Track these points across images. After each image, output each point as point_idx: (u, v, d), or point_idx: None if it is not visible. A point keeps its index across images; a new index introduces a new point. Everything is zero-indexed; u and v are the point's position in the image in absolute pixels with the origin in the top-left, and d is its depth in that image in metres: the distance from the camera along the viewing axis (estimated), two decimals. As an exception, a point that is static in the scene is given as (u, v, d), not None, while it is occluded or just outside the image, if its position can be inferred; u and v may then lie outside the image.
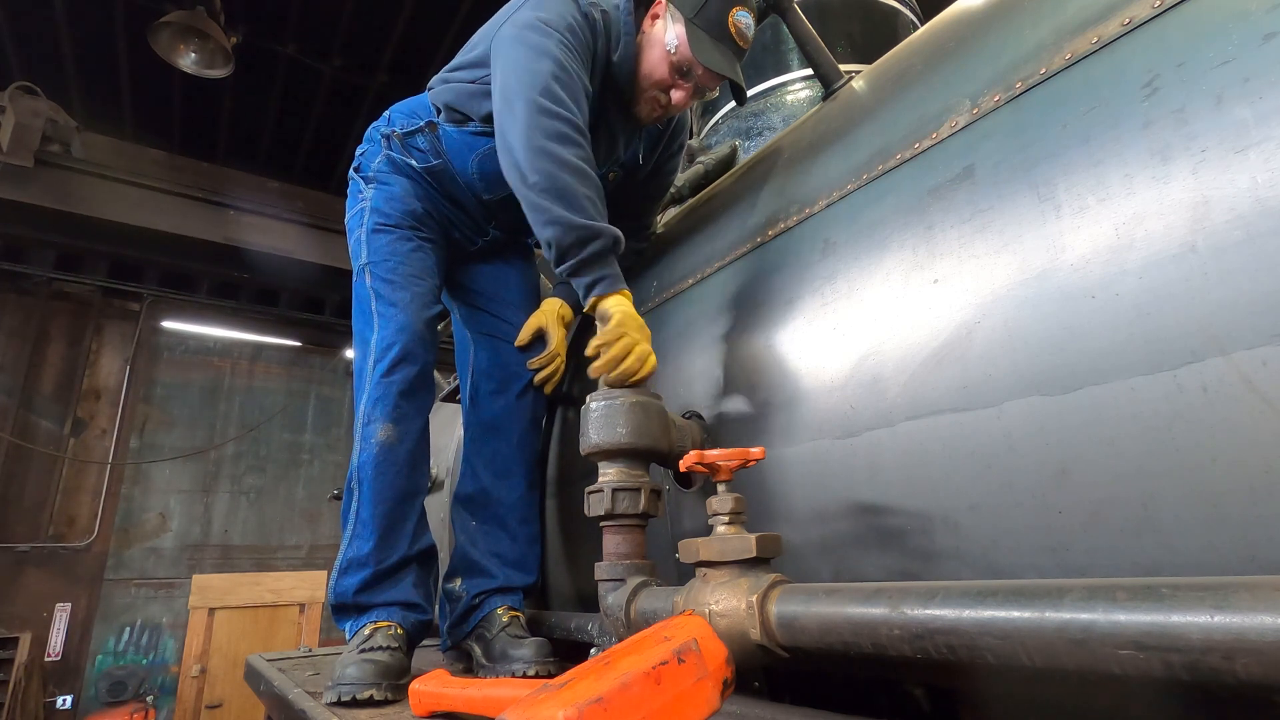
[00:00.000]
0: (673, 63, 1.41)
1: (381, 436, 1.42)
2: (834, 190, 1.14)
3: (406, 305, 1.51)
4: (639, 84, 1.47)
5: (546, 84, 1.29)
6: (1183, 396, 0.66)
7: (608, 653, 0.68)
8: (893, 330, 0.97)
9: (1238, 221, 0.64)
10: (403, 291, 1.52)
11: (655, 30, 1.44)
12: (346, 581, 1.38)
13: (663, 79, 1.44)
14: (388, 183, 1.62)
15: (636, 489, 1.13)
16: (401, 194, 1.61)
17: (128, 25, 5.25)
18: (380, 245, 1.57)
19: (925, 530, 0.89)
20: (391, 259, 1.56)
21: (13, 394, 6.11)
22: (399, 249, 1.57)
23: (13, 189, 5.33)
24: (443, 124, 1.58)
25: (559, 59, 1.32)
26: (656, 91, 1.46)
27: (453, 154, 1.60)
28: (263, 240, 6.38)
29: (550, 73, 1.30)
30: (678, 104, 1.46)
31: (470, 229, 1.73)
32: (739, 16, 1.38)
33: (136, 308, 6.93)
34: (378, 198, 1.61)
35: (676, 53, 1.39)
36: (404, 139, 1.62)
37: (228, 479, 7.20)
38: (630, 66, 1.46)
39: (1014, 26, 0.94)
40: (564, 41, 1.35)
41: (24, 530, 5.99)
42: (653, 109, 1.49)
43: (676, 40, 1.39)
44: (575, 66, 1.35)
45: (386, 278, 1.54)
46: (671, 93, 1.45)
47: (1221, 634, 0.45)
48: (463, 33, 5.35)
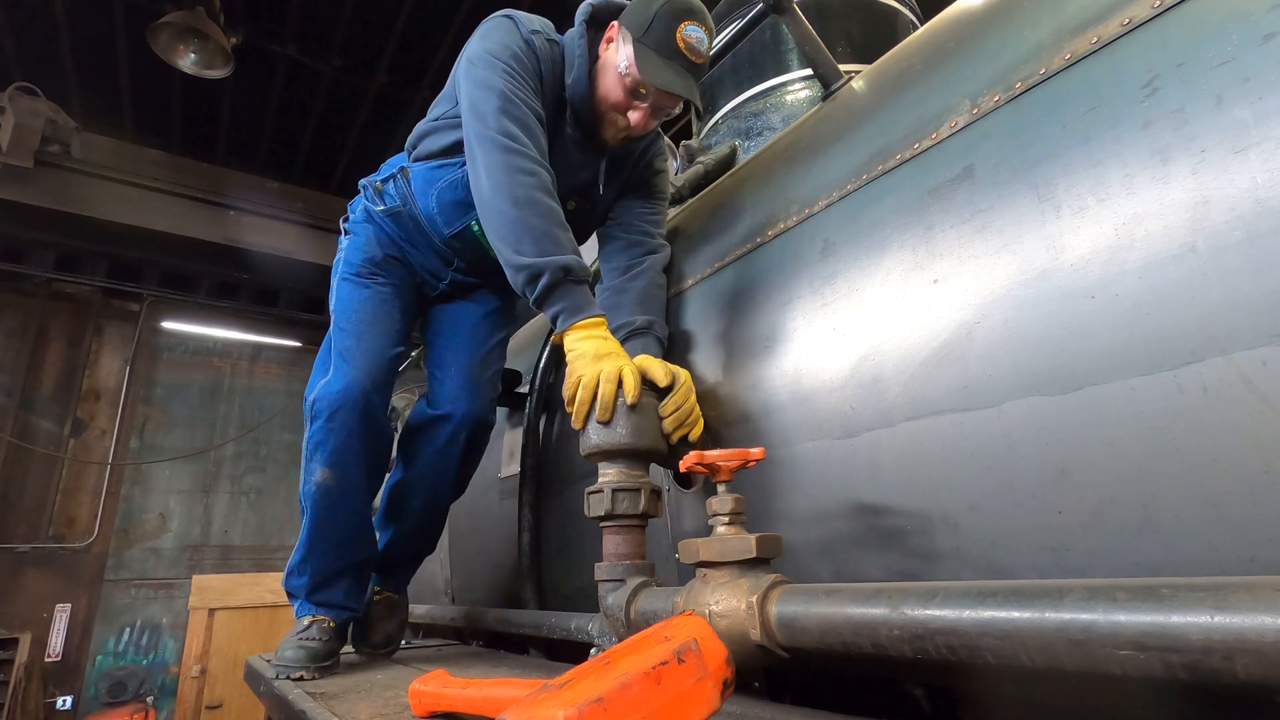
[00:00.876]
0: (625, 84, 1.40)
1: (320, 478, 1.56)
2: (834, 190, 1.14)
3: (356, 358, 1.58)
4: (597, 107, 1.47)
5: (496, 119, 1.33)
6: (1183, 397, 0.66)
7: (608, 653, 0.68)
8: (892, 330, 0.97)
9: (1237, 221, 0.64)
10: (354, 341, 1.60)
11: (609, 53, 1.44)
12: (292, 581, 1.64)
13: (619, 101, 1.43)
14: (357, 232, 1.74)
15: (636, 489, 1.13)
16: (364, 242, 1.71)
17: (127, 26, 5.25)
18: (342, 295, 1.68)
19: (925, 530, 0.89)
20: (349, 309, 1.65)
21: (12, 394, 6.11)
22: (355, 296, 1.67)
23: (12, 189, 5.32)
24: (413, 166, 1.65)
25: (502, 90, 1.35)
26: (615, 114, 1.46)
27: (417, 193, 1.65)
28: (262, 240, 6.38)
29: (499, 108, 1.33)
30: (638, 125, 1.44)
31: (431, 271, 1.77)
32: (688, 31, 1.35)
33: (136, 308, 6.93)
34: (350, 247, 1.73)
35: (628, 74, 1.38)
36: (380, 186, 1.71)
37: (228, 479, 7.20)
38: (584, 91, 1.46)
39: (1014, 27, 0.94)
40: (509, 70, 1.37)
41: (24, 531, 5.99)
42: (615, 132, 1.49)
43: (627, 61, 1.38)
44: (522, 93, 1.37)
45: (342, 326, 1.63)
46: (629, 114, 1.44)
47: (1222, 634, 0.45)
48: (462, 33, 5.35)
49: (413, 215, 1.67)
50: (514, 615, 1.79)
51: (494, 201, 1.29)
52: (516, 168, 1.29)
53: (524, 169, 1.29)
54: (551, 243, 1.26)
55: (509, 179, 1.28)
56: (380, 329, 1.64)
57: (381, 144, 6.65)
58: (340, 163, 7.06)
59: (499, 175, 1.29)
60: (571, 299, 1.25)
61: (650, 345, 1.40)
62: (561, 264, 1.24)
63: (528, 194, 1.28)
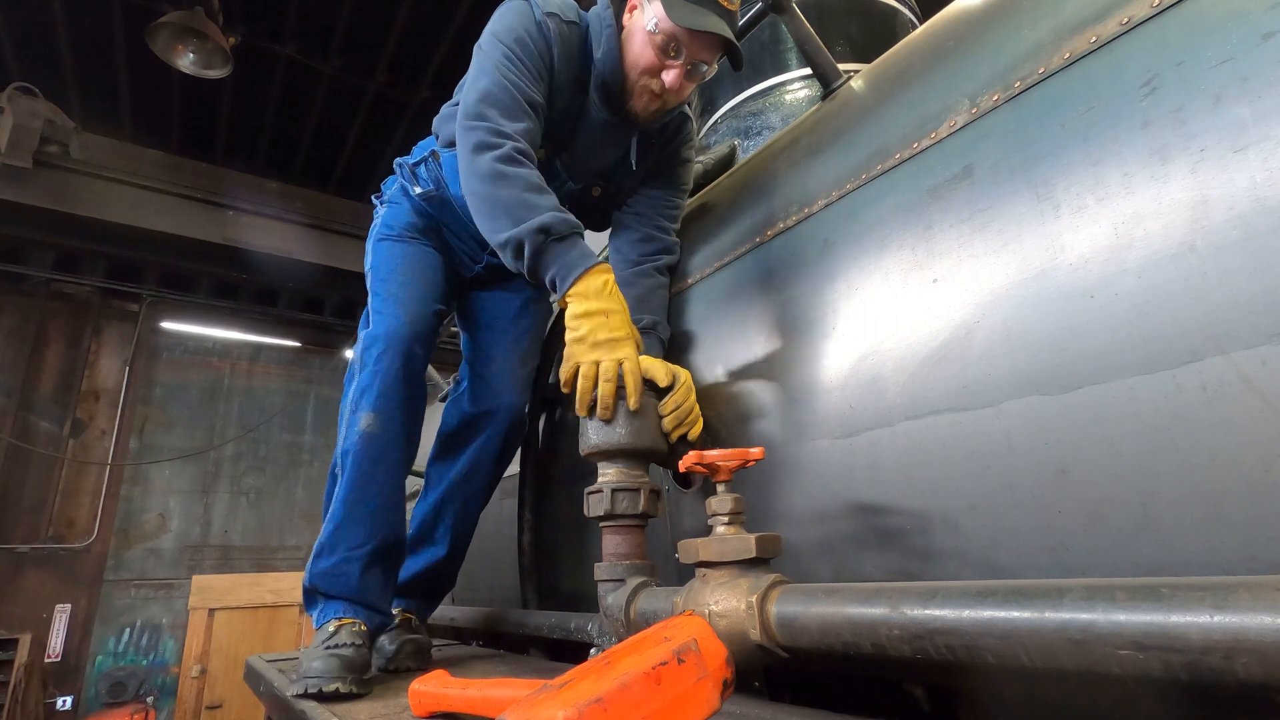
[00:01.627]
0: (656, 43, 1.33)
1: (364, 426, 1.46)
2: (833, 190, 1.14)
3: (398, 303, 1.55)
4: (628, 78, 1.41)
5: (475, 105, 1.31)
6: (1182, 396, 0.66)
7: (608, 653, 0.68)
8: (892, 330, 0.97)
9: (1237, 221, 0.64)
10: (397, 288, 1.57)
11: (635, 20, 1.38)
12: (320, 564, 1.42)
13: (650, 64, 1.36)
14: (397, 202, 1.73)
15: (636, 489, 1.13)
16: (405, 211, 1.71)
17: (126, 26, 5.25)
18: (381, 252, 1.67)
19: (925, 530, 0.89)
20: (390, 262, 1.63)
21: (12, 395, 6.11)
22: (396, 252, 1.65)
23: (11, 190, 5.32)
24: (442, 151, 1.62)
25: (496, 74, 1.32)
26: (647, 79, 1.38)
27: (450, 179, 1.62)
28: (262, 241, 6.37)
29: (483, 91, 1.31)
30: (673, 86, 1.37)
31: (467, 253, 1.77)
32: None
33: (135, 308, 6.92)
34: (387, 215, 1.72)
35: (658, 29, 1.31)
36: (413, 169, 1.69)
37: (227, 480, 7.20)
38: (615, 64, 1.41)
39: (1012, 26, 0.94)
40: (509, 53, 1.34)
41: (24, 531, 5.99)
42: (649, 101, 1.41)
43: (655, 17, 1.31)
44: (517, 78, 1.33)
45: (384, 278, 1.61)
46: (663, 75, 1.36)
47: (1221, 634, 0.45)
48: (461, 34, 5.35)
49: (446, 199, 1.67)
50: (514, 615, 1.79)
51: (467, 184, 1.28)
52: (479, 144, 1.26)
53: (486, 144, 1.26)
54: (523, 208, 1.20)
55: (472, 158, 1.26)
56: (424, 281, 1.62)
57: (381, 144, 6.65)
58: (339, 163, 7.06)
59: (466, 157, 1.28)
60: (561, 258, 1.19)
61: (652, 346, 1.39)
62: (537, 225, 1.18)
63: (490, 168, 1.24)
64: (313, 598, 1.44)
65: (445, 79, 5.84)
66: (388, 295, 1.57)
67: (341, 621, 1.36)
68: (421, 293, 1.60)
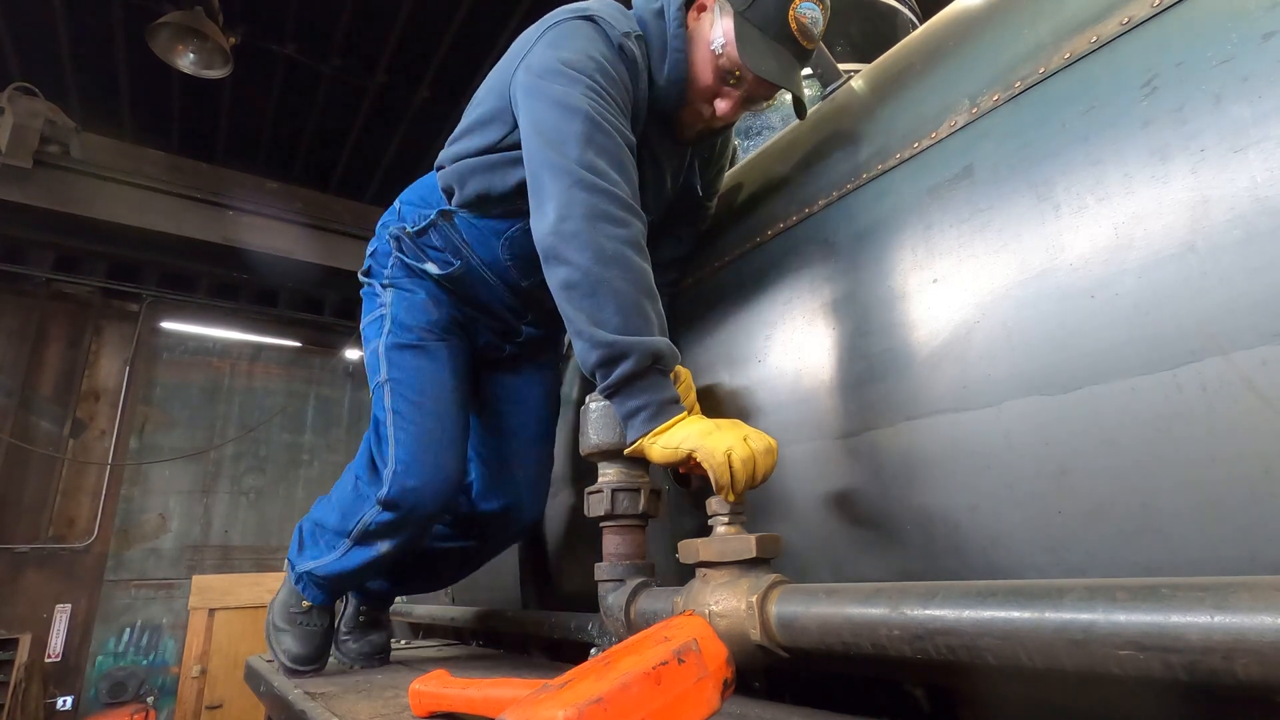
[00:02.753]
0: (718, 66, 1.17)
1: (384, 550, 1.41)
2: (833, 190, 1.14)
3: (436, 448, 1.34)
4: (688, 97, 1.22)
5: (580, 148, 1.05)
6: (1182, 396, 0.66)
7: (608, 653, 0.68)
8: (892, 330, 0.97)
9: (1237, 221, 0.64)
10: (433, 423, 1.35)
11: (701, 25, 1.19)
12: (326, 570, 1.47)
13: (706, 85, 1.19)
14: (408, 289, 1.44)
15: (636, 489, 1.13)
16: (422, 301, 1.43)
17: (126, 26, 5.24)
18: (402, 365, 1.39)
19: (925, 530, 0.89)
20: (417, 382, 1.38)
21: (12, 395, 6.11)
22: (425, 367, 1.39)
23: (12, 190, 5.32)
24: (458, 212, 1.36)
25: (591, 113, 1.07)
26: (700, 103, 1.23)
27: (476, 243, 1.37)
28: (262, 240, 6.37)
29: (583, 134, 1.06)
30: (723, 116, 1.21)
31: (499, 332, 1.53)
32: (803, 9, 1.13)
33: (136, 308, 6.92)
34: (398, 305, 1.43)
35: (723, 53, 1.15)
36: (415, 239, 1.41)
37: (227, 480, 7.20)
38: (681, 82, 1.21)
39: (1013, 26, 0.94)
40: (594, 87, 1.10)
41: (24, 531, 5.98)
42: (695, 121, 1.26)
43: (724, 39, 1.15)
44: (614, 117, 1.11)
45: (411, 401, 1.36)
46: (716, 102, 1.21)
47: (1221, 634, 0.45)
48: (462, 34, 5.35)
49: (473, 269, 1.40)
50: (514, 615, 1.79)
51: (570, 253, 1.02)
52: (603, 214, 1.03)
53: (613, 217, 1.03)
54: (640, 317, 1.01)
55: (592, 227, 1.02)
56: (459, 406, 1.41)
57: (381, 144, 6.64)
58: (339, 163, 7.05)
59: (580, 221, 1.02)
60: (654, 395, 1.00)
61: None
62: (651, 349, 0.99)
63: (616, 250, 1.02)
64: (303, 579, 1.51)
65: (445, 79, 5.84)
66: (420, 431, 1.33)
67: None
68: (460, 428, 1.39)
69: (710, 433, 0.95)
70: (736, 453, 0.91)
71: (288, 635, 1.51)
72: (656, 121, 1.27)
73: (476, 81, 1.46)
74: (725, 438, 0.93)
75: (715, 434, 0.94)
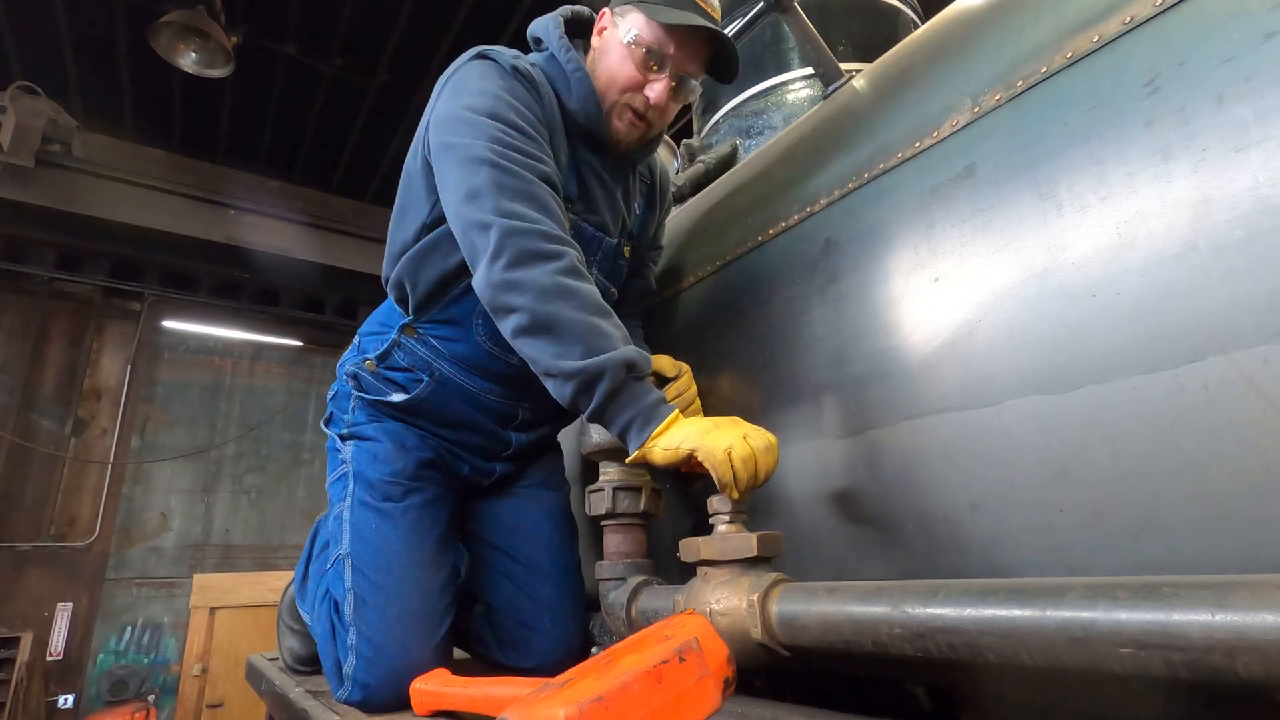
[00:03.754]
0: (637, 56, 1.19)
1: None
2: (835, 189, 1.14)
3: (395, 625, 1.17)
4: (605, 99, 1.23)
5: (495, 201, 1.05)
6: (1184, 395, 0.66)
7: (609, 651, 0.68)
8: (894, 329, 0.97)
9: (1239, 220, 0.64)
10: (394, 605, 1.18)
11: (608, 37, 1.23)
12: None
13: (631, 78, 1.20)
14: (370, 437, 1.33)
15: (638, 488, 1.13)
16: (387, 451, 1.30)
17: (128, 25, 5.25)
18: (368, 525, 1.24)
19: (926, 529, 0.89)
20: (379, 553, 1.22)
21: (13, 394, 6.11)
22: (385, 533, 1.23)
23: (13, 189, 5.32)
24: (419, 323, 1.30)
25: (496, 160, 1.07)
26: (629, 97, 1.22)
27: (447, 343, 1.29)
28: (263, 240, 6.37)
29: (493, 184, 1.06)
30: (658, 101, 1.21)
31: (484, 452, 1.40)
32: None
33: (137, 307, 6.92)
34: (360, 459, 1.30)
35: (637, 39, 1.17)
36: (378, 367, 1.33)
37: (229, 478, 7.20)
38: (593, 103, 1.23)
39: (1015, 25, 0.94)
40: (497, 128, 1.10)
41: (25, 530, 5.99)
42: (631, 123, 1.24)
43: (633, 25, 1.18)
44: (521, 153, 1.10)
45: (375, 579, 1.20)
46: (647, 90, 1.20)
47: (1223, 633, 0.45)
48: (463, 33, 5.34)
49: (446, 382, 1.31)
50: (515, 614, 1.78)
51: (513, 299, 1.02)
52: (533, 254, 1.03)
53: (543, 253, 1.03)
54: (599, 338, 1.00)
55: (526, 270, 1.02)
56: (434, 574, 1.24)
57: (382, 144, 6.65)
58: (341, 162, 7.05)
59: (513, 268, 1.03)
60: (640, 402, 1.00)
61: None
62: (622, 360, 0.99)
63: (554, 282, 1.01)
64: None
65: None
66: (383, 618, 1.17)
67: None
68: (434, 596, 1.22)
69: (709, 431, 0.94)
70: (736, 451, 0.92)
71: (293, 635, 1.52)
72: (588, 144, 1.28)
73: None
74: (725, 436, 0.93)
75: (715, 432, 0.94)
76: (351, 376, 1.37)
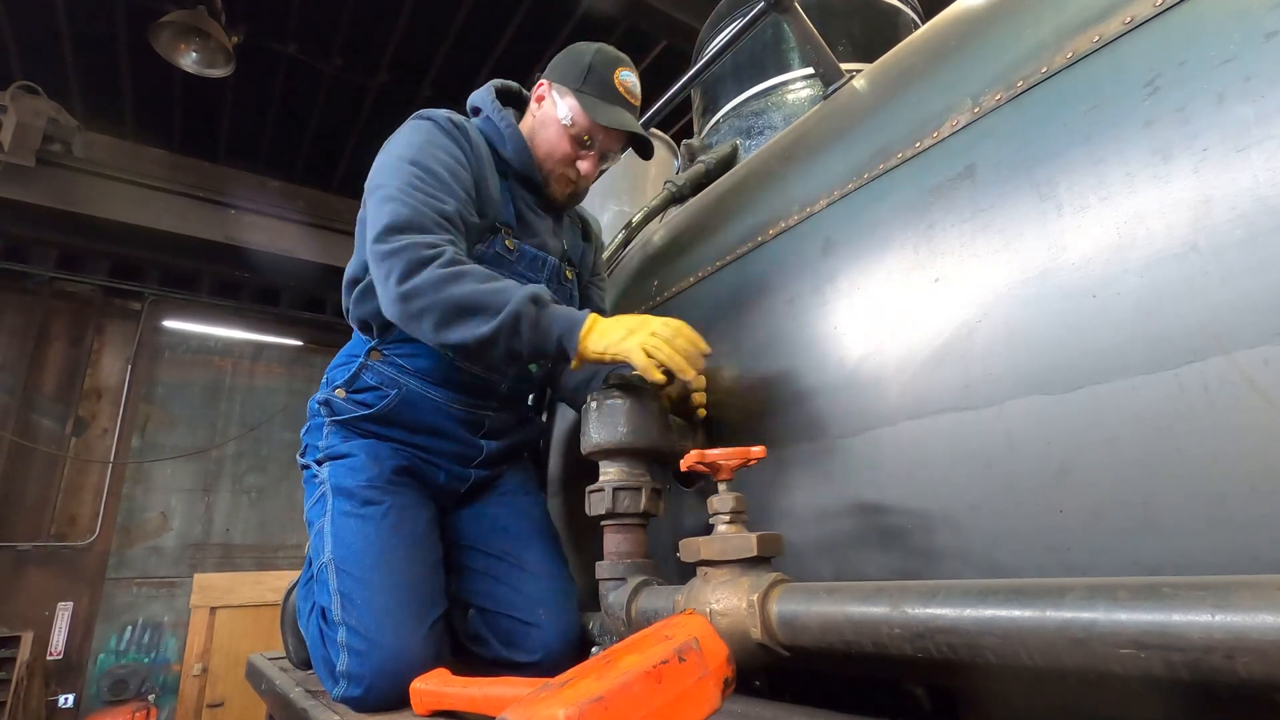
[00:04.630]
0: (571, 135, 1.41)
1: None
2: (835, 189, 1.14)
3: (389, 624, 1.18)
4: (543, 167, 1.46)
5: (377, 231, 1.19)
6: (1184, 396, 0.66)
7: (608, 651, 0.68)
8: (893, 329, 0.97)
9: (1239, 220, 0.64)
10: (381, 597, 1.20)
11: (545, 111, 1.44)
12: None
13: (566, 154, 1.43)
14: (346, 453, 1.38)
15: (637, 488, 1.13)
16: (361, 462, 1.35)
17: (128, 25, 5.25)
18: (349, 530, 1.26)
19: (926, 529, 0.89)
20: (362, 554, 1.24)
21: (14, 393, 6.12)
22: (367, 535, 1.26)
23: (14, 189, 5.32)
24: (384, 345, 1.42)
25: (404, 199, 1.21)
26: (563, 168, 1.45)
27: (412, 359, 1.40)
28: (263, 240, 6.38)
29: (394, 219, 1.19)
30: (586, 174, 1.45)
31: (459, 457, 1.47)
32: (624, 76, 1.41)
33: (138, 307, 6.93)
34: (336, 475, 1.34)
35: (574, 124, 1.39)
36: (348, 392, 1.42)
37: (229, 478, 7.20)
38: (527, 157, 1.46)
39: (1015, 25, 0.94)
40: (414, 174, 1.25)
41: (26, 529, 5.99)
42: (564, 186, 1.49)
43: (570, 112, 1.39)
44: (434, 191, 1.24)
45: (361, 576, 1.21)
46: (578, 164, 1.44)
47: (1223, 633, 0.45)
48: (463, 33, 5.35)
49: (411, 394, 1.40)
50: (515, 614, 1.79)
51: (411, 308, 1.14)
52: (411, 262, 1.14)
53: (420, 260, 1.14)
54: (495, 294, 1.13)
55: (410, 281, 1.14)
56: (422, 567, 1.28)
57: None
58: (341, 162, 7.06)
59: (397, 287, 1.15)
60: (561, 318, 1.14)
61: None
62: (527, 296, 1.13)
63: (437, 275, 1.13)
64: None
65: (447, 79, 5.84)
66: (371, 612, 1.18)
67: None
68: (424, 588, 1.25)
69: (624, 338, 1.10)
70: (646, 345, 1.08)
71: (297, 636, 1.50)
72: (523, 183, 1.50)
73: (478, 81, 1.53)
74: (635, 339, 1.09)
75: (628, 338, 1.10)
76: (323, 404, 1.46)
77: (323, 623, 1.25)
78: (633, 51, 1.60)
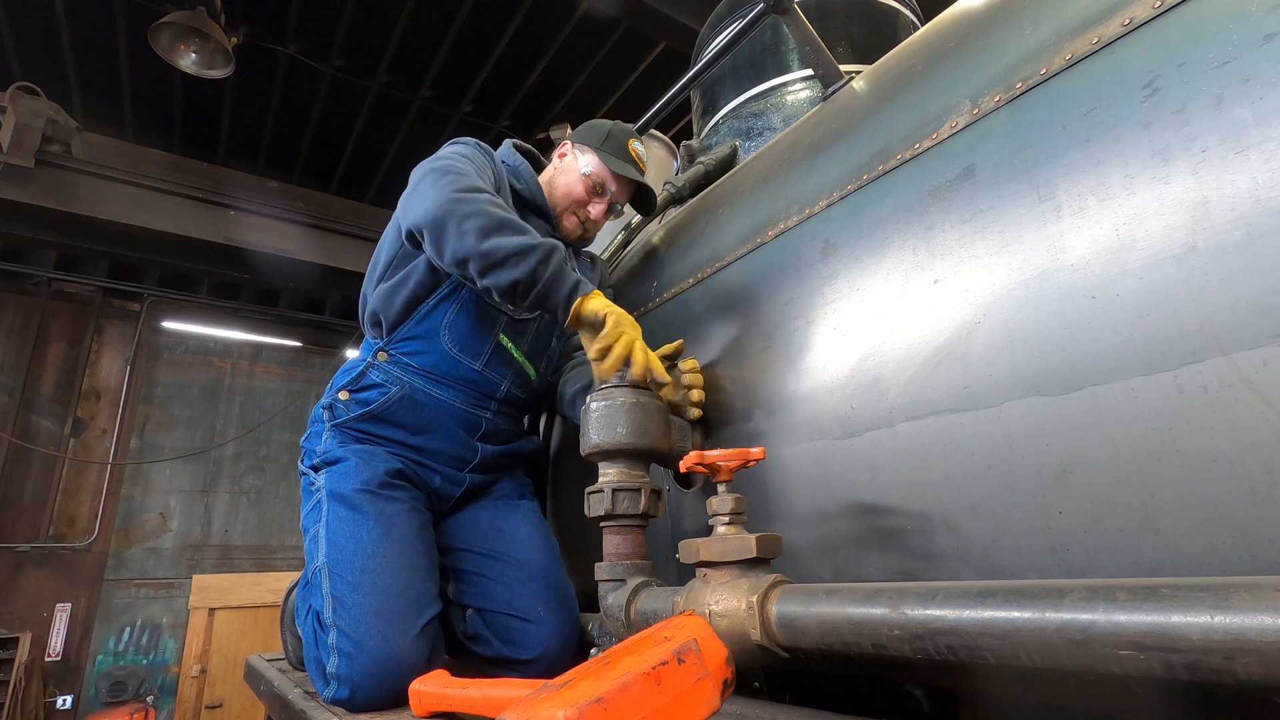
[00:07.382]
0: (588, 183, 1.61)
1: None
2: (834, 190, 1.14)
3: (378, 627, 1.18)
4: (557, 206, 1.65)
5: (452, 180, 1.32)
6: (1183, 397, 0.66)
7: (608, 653, 0.68)
8: (893, 330, 0.97)
9: (1238, 222, 0.64)
10: (373, 599, 1.20)
11: (566, 163, 1.65)
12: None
13: (580, 198, 1.62)
14: (341, 459, 1.40)
15: (637, 489, 1.13)
16: (356, 464, 1.38)
17: (128, 25, 5.25)
18: (342, 533, 1.28)
19: (925, 530, 0.89)
20: (359, 554, 1.25)
21: (13, 394, 6.11)
22: (365, 536, 1.27)
23: (13, 189, 5.32)
24: (391, 346, 1.49)
25: (459, 172, 1.36)
26: (577, 209, 1.64)
27: (417, 356, 1.48)
28: (263, 240, 6.37)
29: (453, 182, 1.32)
30: (596, 218, 1.65)
31: (454, 460, 1.51)
32: (635, 145, 1.64)
33: (137, 308, 6.92)
34: (332, 479, 1.37)
35: (592, 174, 1.60)
36: (352, 395, 1.47)
37: (228, 479, 7.20)
38: (537, 189, 1.64)
39: (1014, 27, 0.94)
40: (454, 166, 1.39)
41: (24, 530, 5.99)
42: (575, 225, 1.66)
43: (591, 165, 1.60)
44: (475, 172, 1.40)
45: (352, 578, 1.22)
46: (590, 208, 1.63)
47: (1222, 634, 0.45)
48: (463, 34, 5.35)
49: (415, 390, 1.46)
50: (514, 615, 1.78)
51: (449, 209, 1.26)
52: (464, 187, 1.30)
53: (472, 186, 1.31)
54: (526, 232, 1.27)
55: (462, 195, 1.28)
56: (414, 569, 1.28)
57: (382, 144, 6.65)
58: (341, 162, 7.05)
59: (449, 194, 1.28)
60: (576, 274, 1.28)
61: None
62: (559, 243, 1.29)
63: (484, 200, 1.28)
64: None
65: (447, 79, 5.84)
66: (362, 614, 1.19)
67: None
68: (416, 590, 1.25)
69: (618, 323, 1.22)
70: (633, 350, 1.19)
71: (296, 636, 1.51)
72: (534, 212, 1.65)
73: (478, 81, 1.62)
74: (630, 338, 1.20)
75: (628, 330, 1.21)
76: (327, 408, 1.50)
77: (316, 625, 1.26)
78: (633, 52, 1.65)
